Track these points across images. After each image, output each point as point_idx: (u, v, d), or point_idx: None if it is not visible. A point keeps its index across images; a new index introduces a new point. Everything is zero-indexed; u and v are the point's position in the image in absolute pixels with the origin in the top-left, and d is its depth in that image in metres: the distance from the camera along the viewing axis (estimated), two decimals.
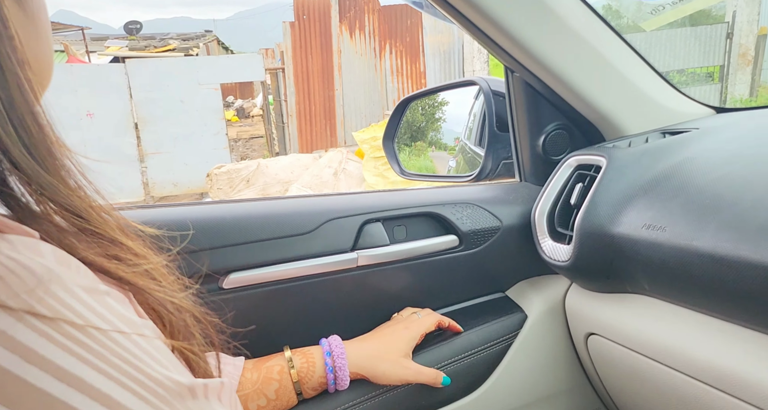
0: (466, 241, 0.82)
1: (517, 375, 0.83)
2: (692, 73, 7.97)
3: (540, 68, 0.79)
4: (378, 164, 5.83)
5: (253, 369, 0.65)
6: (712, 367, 0.57)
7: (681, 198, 0.62)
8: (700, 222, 0.57)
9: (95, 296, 0.27)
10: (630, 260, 0.67)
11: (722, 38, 7.62)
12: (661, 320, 0.66)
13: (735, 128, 0.73)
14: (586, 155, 0.82)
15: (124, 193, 7.89)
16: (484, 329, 0.82)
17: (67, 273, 0.27)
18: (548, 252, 0.80)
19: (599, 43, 0.79)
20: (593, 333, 0.77)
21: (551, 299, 0.85)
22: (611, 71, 0.81)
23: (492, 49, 0.81)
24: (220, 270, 0.69)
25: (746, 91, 7.75)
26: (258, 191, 6.20)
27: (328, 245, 0.74)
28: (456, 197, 0.85)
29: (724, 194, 0.58)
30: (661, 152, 0.73)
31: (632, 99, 0.83)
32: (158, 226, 0.66)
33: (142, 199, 8.01)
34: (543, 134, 0.89)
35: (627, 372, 0.73)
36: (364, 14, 9.49)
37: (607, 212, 0.70)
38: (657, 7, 0.97)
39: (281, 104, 9.79)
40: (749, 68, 7.70)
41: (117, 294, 0.29)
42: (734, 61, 7.70)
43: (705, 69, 7.87)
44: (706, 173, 0.63)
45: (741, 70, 7.74)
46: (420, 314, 0.78)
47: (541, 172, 0.90)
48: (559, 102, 0.85)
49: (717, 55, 7.69)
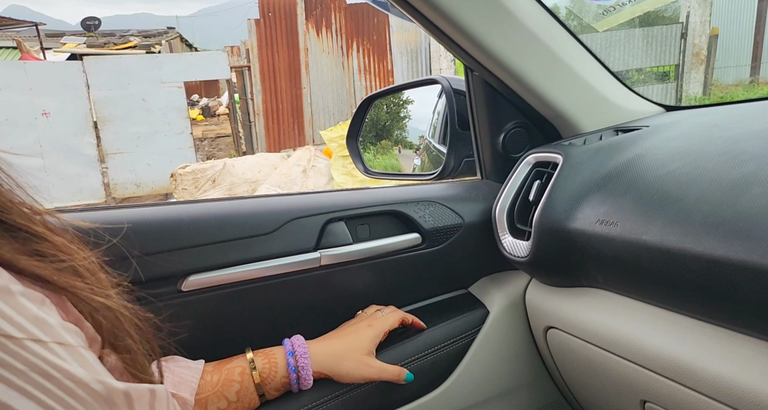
0: (428, 239, 0.83)
1: (479, 370, 0.84)
2: (650, 72, 8.23)
3: (498, 68, 0.80)
4: (346, 162, 5.82)
5: (214, 372, 0.65)
6: (660, 356, 0.59)
7: (632, 194, 0.65)
8: (649, 217, 0.60)
9: (5, 296, 0.25)
10: (585, 255, 0.69)
11: (677, 38, 7.89)
12: (614, 312, 0.68)
13: (682, 126, 0.76)
14: (543, 152, 0.83)
15: (84, 194, 7.64)
16: (446, 325, 0.83)
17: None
18: (508, 248, 0.81)
19: (555, 43, 0.81)
20: (552, 326, 0.79)
21: (512, 294, 0.87)
22: (567, 71, 0.83)
23: (452, 49, 0.82)
24: (179, 272, 0.67)
25: (700, 89, 8.06)
26: (224, 191, 6.10)
27: (291, 244, 0.74)
28: (419, 195, 0.86)
29: (671, 190, 0.60)
30: (613, 150, 0.76)
31: (587, 98, 0.85)
32: (114, 228, 0.65)
33: (104, 201, 7.77)
34: (503, 132, 0.91)
35: (584, 364, 0.75)
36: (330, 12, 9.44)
37: (563, 209, 0.72)
38: (608, 8, 1.00)
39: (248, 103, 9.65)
40: (702, 67, 8.01)
41: (34, 295, 0.28)
42: (688, 60, 8.00)
43: (662, 68, 8.14)
44: (654, 170, 0.65)
45: (695, 69, 8.04)
46: (384, 311, 0.79)
47: (501, 169, 0.91)
48: (518, 101, 0.87)
49: (672, 55, 7.97)
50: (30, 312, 0.26)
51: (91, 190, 7.73)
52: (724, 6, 9.51)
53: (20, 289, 0.27)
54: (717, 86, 8.75)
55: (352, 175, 5.79)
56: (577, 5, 1.32)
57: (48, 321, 0.27)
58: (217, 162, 6.41)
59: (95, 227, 0.41)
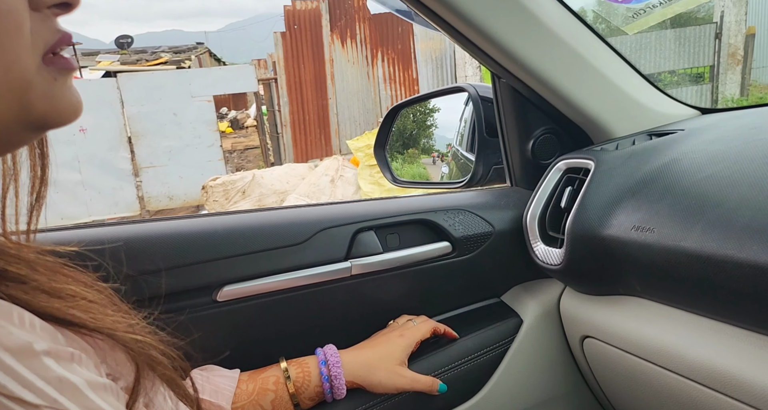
0: (459, 247, 0.83)
1: (514, 380, 0.83)
2: (683, 74, 8.03)
3: (526, 74, 0.80)
4: (373, 171, 5.84)
5: (249, 381, 0.65)
6: (705, 367, 0.57)
7: (668, 199, 0.63)
8: (687, 223, 0.58)
9: (25, 359, 0.24)
10: (621, 262, 0.67)
11: (711, 39, 7.68)
12: (653, 321, 0.66)
13: (719, 129, 0.74)
14: (574, 158, 0.82)
15: (119, 207, 7.88)
16: (479, 335, 0.82)
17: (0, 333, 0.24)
18: (541, 256, 0.80)
19: (584, 48, 0.80)
20: (588, 335, 0.78)
21: (546, 303, 0.85)
22: (597, 75, 0.81)
23: (478, 57, 0.82)
24: (214, 283, 0.69)
25: (737, 90, 7.81)
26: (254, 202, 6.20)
27: (322, 254, 0.74)
28: (448, 203, 0.85)
29: (710, 194, 0.58)
30: (647, 154, 0.74)
31: (618, 102, 0.84)
32: (150, 240, 0.66)
33: (138, 213, 7.99)
34: (532, 139, 0.90)
35: (623, 374, 0.73)
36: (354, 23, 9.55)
37: (596, 215, 0.71)
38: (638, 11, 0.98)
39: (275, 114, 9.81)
40: (739, 68, 7.77)
41: (62, 352, 0.27)
42: (724, 61, 7.77)
43: (696, 70, 7.93)
44: (691, 174, 0.64)
45: (731, 70, 7.80)
46: (415, 321, 0.79)
47: (531, 176, 0.90)
48: (547, 107, 0.86)
49: (707, 56, 7.75)
50: (53, 373, 0.25)
51: (126, 203, 7.97)
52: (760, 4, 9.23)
53: (45, 347, 0.26)
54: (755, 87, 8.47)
55: (379, 184, 5.81)
56: (605, 8, 1.29)
57: (74, 381, 0.25)
58: (246, 174, 6.52)
59: (80, 248, 0.41)
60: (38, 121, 0.33)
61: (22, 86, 0.31)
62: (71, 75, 0.35)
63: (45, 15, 0.33)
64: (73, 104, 0.35)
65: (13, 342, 0.24)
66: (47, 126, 0.34)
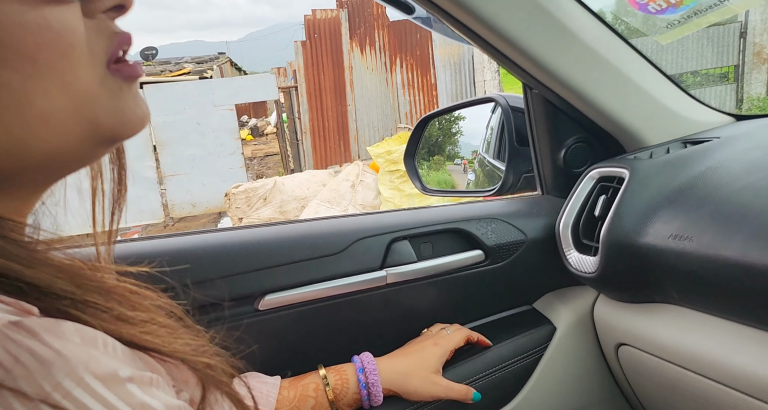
0: (491, 255, 0.83)
1: (548, 387, 0.83)
2: (706, 74, 7.89)
3: (558, 84, 0.81)
4: (393, 177, 5.86)
5: (290, 388, 0.67)
6: (746, 374, 0.57)
7: (707, 208, 0.63)
8: (728, 231, 0.58)
9: (112, 386, 0.25)
10: (658, 270, 0.67)
11: (736, 38, 7.54)
12: (692, 329, 0.66)
13: (756, 136, 0.73)
14: (608, 167, 0.83)
15: (145, 215, 8.04)
16: (513, 342, 0.82)
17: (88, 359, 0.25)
18: (575, 264, 0.80)
19: (615, 57, 0.80)
20: (623, 343, 0.78)
21: (579, 310, 0.85)
22: (628, 84, 0.82)
23: (510, 68, 0.83)
24: (256, 292, 0.71)
25: (763, 90, 7.65)
26: (275, 208, 6.27)
27: (358, 264, 0.76)
28: (480, 212, 0.86)
29: (751, 203, 0.58)
30: (683, 162, 0.74)
31: (651, 110, 0.84)
32: (196, 253, 0.69)
33: (162, 220, 8.14)
34: (564, 148, 0.90)
35: (660, 382, 0.73)
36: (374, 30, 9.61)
37: (632, 223, 0.71)
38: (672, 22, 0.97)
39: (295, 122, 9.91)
40: (765, 67, 7.61)
41: (143, 377, 0.27)
42: (749, 60, 7.61)
43: (719, 70, 7.79)
44: (730, 183, 0.64)
45: (756, 69, 7.64)
46: (449, 329, 0.80)
47: (563, 185, 0.91)
48: (579, 116, 0.87)
49: (731, 55, 7.61)
50: (137, 399, 0.26)
51: (152, 210, 8.13)
52: None
53: (129, 374, 0.27)
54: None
55: (399, 189, 5.82)
56: (638, 19, 1.28)
57: (154, 407, 0.26)
58: (267, 181, 6.60)
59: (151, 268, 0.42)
60: (107, 135, 0.33)
61: (87, 104, 0.30)
62: (137, 83, 0.34)
63: (100, 20, 0.31)
64: (139, 115, 0.34)
65: (101, 369, 0.25)
66: (117, 139, 0.34)
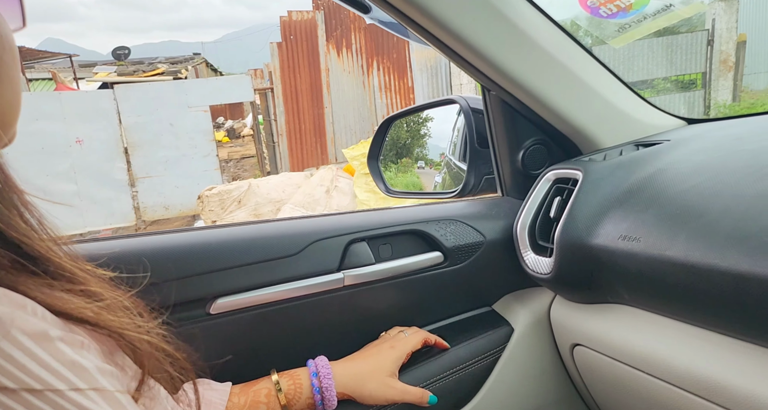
0: (450, 257, 0.83)
1: (505, 388, 0.83)
2: (676, 81, 8.10)
3: (515, 87, 0.81)
4: (368, 179, 5.85)
5: (241, 394, 0.66)
6: (691, 374, 0.58)
7: (654, 209, 0.64)
8: (672, 232, 0.59)
9: (42, 342, 0.26)
10: (609, 271, 0.68)
11: (703, 45, 7.76)
12: (642, 329, 0.67)
13: (704, 139, 0.75)
14: (563, 168, 0.83)
15: (116, 218, 7.86)
16: (471, 344, 0.82)
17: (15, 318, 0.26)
18: (531, 265, 0.81)
19: (571, 61, 0.81)
20: (578, 343, 0.78)
21: (536, 311, 0.86)
22: (584, 87, 0.83)
23: (468, 70, 0.83)
24: (208, 296, 0.69)
25: (729, 96, 7.88)
26: (250, 211, 6.20)
27: (315, 266, 0.75)
28: (439, 213, 0.86)
29: (694, 204, 0.59)
30: (634, 164, 0.75)
31: (606, 113, 0.85)
32: (143, 254, 0.67)
33: (134, 223, 7.97)
34: (522, 150, 0.91)
35: (612, 382, 0.74)
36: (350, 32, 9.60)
37: (584, 225, 0.72)
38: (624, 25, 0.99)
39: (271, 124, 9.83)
40: (731, 74, 7.84)
41: (74, 338, 0.28)
42: (716, 67, 7.84)
43: (688, 76, 8.00)
44: (676, 184, 0.65)
45: (723, 77, 7.87)
46: (407, 332, 0.79)
47: (521, 186, 0.91)
48: (536, 118, 0.88)
49: (699, 63, 7.83)
50: (67, 357, 0.26)
51: (123, 213, 7.95)
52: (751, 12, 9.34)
53: (59, 334, 0.27)
54: (747, 93, 8.54)
55: (374, 192, 5.82)
56: (593, 23, 1.30)
57: (85, 365, 0.27)
58: (242, 183, 6.53)
59: (119, 253, 0.43)
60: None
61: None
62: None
63: None
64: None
65: (30, 327, 0.26)
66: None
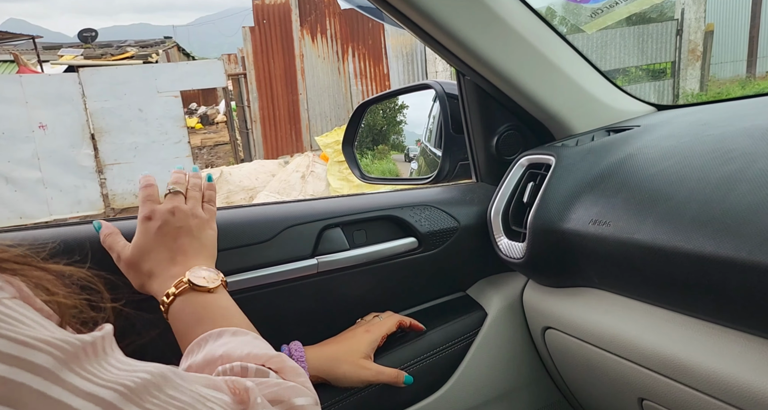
0: (425, 243, 0.84)
1: (479, 371, 0.84)
2: (647, 70, 8.25)
3: (488, 71, 0.81)
4: (342, 167, 5.83)
5: None
6: (656, 354, 0.60)
7: (623, 194, 0.65)
8: (640, 216, 0.60)
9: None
10: (579, 255, 0.69)
11: (673, 35, 7.91)
12: (610, 311, 0.68)
13: (672, 125, 0.76)
14: (536, 154, 0.84)
15: (83, 206, 7.64)
16: (445, 328, 0.83)
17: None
18: (504, 250, 0.82)
19: (545, 46, 0.81)
20: (550, 326, 0.80)
21: (509, 296, 0.87)
22: (557, 73, 0.83)
23: (442, 54, 0.82)
24: None
25: (697, 86, 8.07)
26: (222, 199, 6.11)
27: (288, 252, 0.74)
28: (414, 199, 0.86)
29: (661, 188, 0.61)
30: (605, 150, 0.76)
31: (578, 99, 0.86)
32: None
33: (102, 211, 7.76)
34: (496, 135, 0.92)
35: (582, 364, 0.75)
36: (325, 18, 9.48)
37: (556, 210, 0.73)
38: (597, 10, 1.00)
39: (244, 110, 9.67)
40: (698, 64, 8.03)
41: None
42: (684, 57, 8.01)
43: (658, 65, 8.15)
44: (645, 169, 0.66)
45: (691, 66, 8.05)
46: (381, 316, 0.79)
47: (496, 172, 0.92)
48: (510, 103, 0.88)
49: (669, 52, 7.98)
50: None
51: (90, 201, 7.73)
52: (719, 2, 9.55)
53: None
54: (714, 82, 8.76)
55: (348, 180, 5.80)
56: (569, 9, 1.29)
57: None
58: (213, 170, 6.43)
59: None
60: None
61: None
62: None
63: None
64: None
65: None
66: None
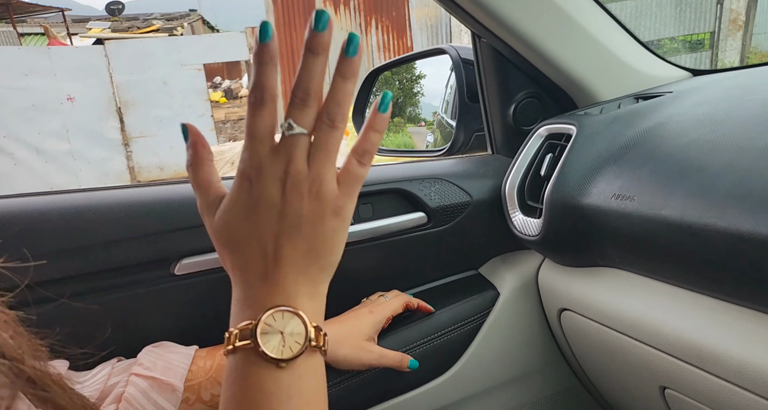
0: (434, 218, 0.79)
1: (489, 354, 0.80)
2: (683, 41, 7.88)
3: (507, 33, 0.75)
4: None
5: (207, 357, 0.63)
6: (681, 340, 0.54)
7: (650, 166, 0.59)
8: (668, 190, 0.54)
9: None
10: (600, 233, 0.64)
11: (713, 4, 7.50)
12: (631, 293, 0.63)
13: (708, 91, 0.69)
14: (556, 123, 0.78)
15: (110, 178, 7.79)
16: (454, 308, 0.79)
17: None
18: (519, 227, 0.77)
19: (569, 5, 0.74)
20: (566, 308, 0.75)
21: (524, 275, 0.82)
22: (582, 35, 0.76)
23: (457, 14, 0.76)
24: (172, 256, 0.65)
25: (737, 57, 7.68)
26: None
27: None
28: (424, 172, 0.81)
29: (693, 159, 0.54)
30: (632, 118, 0.70)
31: (605, 64, 0.79)
32: (100, 210, 0.62)
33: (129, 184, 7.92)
34: (513, 103, 0.85)
35: (600, 348, 0.71)
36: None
37: (576, 183, 0.67)
38: None
39: None
40: (740, 34, 7.62)
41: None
42: (725, 27, 7.60)
43: (696, 36, 7.78)
44: (676, 138, 0.60)
45: (732, 36, 7.64)
46: (387, 296, 0.76)
47: (512, 143, 0.86)
48: (529, 68, 0.81)
49: (708, 22, 7.59)
50: None
51: (117, 173, 7.87)
52: None
53: None
54: (756, 54, 8.30)
55: None
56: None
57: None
58: (236, 144, 6.45)
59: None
60: None
61: None
62: None
63: None
64: None
65: None
66: None
